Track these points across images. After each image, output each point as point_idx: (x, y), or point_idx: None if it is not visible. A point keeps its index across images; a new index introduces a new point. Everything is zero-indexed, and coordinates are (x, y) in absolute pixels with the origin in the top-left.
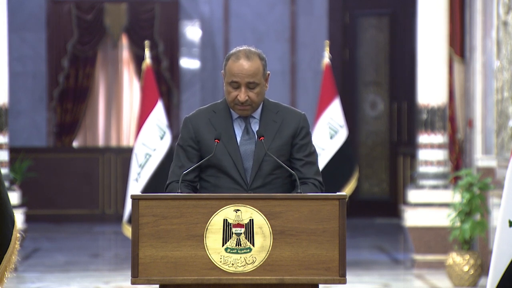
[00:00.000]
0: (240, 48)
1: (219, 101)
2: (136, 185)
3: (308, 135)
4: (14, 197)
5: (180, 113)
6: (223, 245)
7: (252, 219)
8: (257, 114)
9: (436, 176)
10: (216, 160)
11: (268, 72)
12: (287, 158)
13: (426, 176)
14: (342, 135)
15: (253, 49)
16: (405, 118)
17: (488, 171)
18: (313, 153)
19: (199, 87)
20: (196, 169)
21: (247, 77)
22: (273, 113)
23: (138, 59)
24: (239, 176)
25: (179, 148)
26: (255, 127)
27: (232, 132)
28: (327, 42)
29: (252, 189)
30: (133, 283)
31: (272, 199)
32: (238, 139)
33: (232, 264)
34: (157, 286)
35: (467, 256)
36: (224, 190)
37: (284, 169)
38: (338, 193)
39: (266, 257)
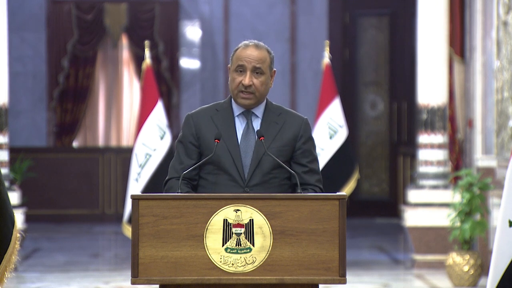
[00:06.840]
0: (250, 41)
1: (222, 100)
2: (136, 185)
3: (311, 140)
4: (14, 197)
5: (180, 113)
6: (223, 245)
7: (252, 219)
8: (259, 112)
9: (436, 176)
10: (216, 157)
11: (274, 69)
12: (287, 160)
13: (426, 176)
14: (342, 135)
15: (262, 43)
16: (405, 118)
17: (488, 171)
18: (315, 160)
19: (199, 87)
20: (197, 167)
21: (254, 61)
22: (275, 115)
23: (138, 59)
24: (237, 173)
25: (179, 144)
26: (256, 125)
27: (233, 129)
28: (327, 42)
29: (249, 186)
30: (133, 283)
31: (272, 199)
32: (239, 135)
33: (232, 264)
34: (157, 286)
35: (467, 256)
36: (221, 187)
37: (282, 170)
38: (338, 193)
39: (266, 257)
